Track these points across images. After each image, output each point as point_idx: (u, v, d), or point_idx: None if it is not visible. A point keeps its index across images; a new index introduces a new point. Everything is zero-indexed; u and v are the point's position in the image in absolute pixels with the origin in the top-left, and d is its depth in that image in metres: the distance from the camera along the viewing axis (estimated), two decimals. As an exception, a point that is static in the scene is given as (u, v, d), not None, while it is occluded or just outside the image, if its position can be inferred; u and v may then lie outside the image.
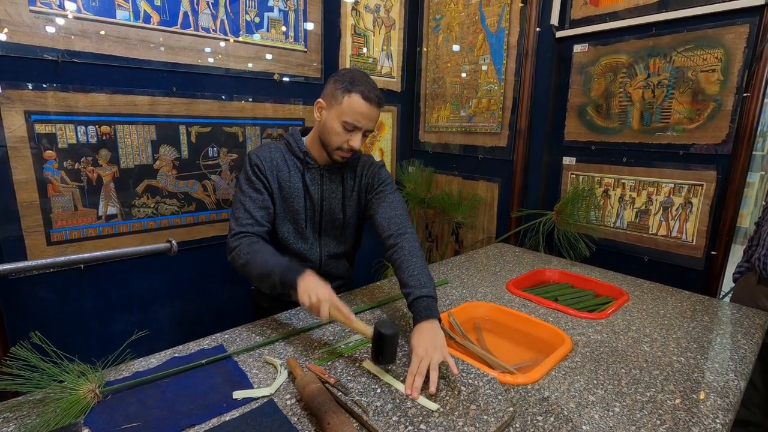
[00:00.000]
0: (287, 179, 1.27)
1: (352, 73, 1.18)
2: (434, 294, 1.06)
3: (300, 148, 1.27)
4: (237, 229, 1.19)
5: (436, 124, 2.53)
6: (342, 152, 1.21)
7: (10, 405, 0.84)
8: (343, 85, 1.16)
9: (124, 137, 1.62)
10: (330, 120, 1.19)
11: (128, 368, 0.97)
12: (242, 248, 1.15)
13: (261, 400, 0.86)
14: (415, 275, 1.08)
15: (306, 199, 1.29)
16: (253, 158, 1.24)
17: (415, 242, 1.19)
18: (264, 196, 1.24)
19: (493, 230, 2.29)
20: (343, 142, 1.19)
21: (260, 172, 1.23)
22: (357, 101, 1.15)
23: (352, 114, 1.15)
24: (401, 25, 2.48)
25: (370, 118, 1.19)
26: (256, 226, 1.21)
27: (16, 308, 1.49)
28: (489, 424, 0.78)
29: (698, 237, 1.63)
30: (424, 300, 1.03)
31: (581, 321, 1.25)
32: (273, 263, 1.09)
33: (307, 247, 1.33)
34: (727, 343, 1.14)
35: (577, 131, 1.93)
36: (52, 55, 1.44)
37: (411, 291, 1.05)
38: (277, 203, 1.27)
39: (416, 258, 1.13)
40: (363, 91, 1.15)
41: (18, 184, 1.43)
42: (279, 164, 1.26)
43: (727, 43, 1.49)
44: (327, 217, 1.33)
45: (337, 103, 1.17)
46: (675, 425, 0.81)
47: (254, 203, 1.22)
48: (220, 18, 1.78)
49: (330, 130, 1.19)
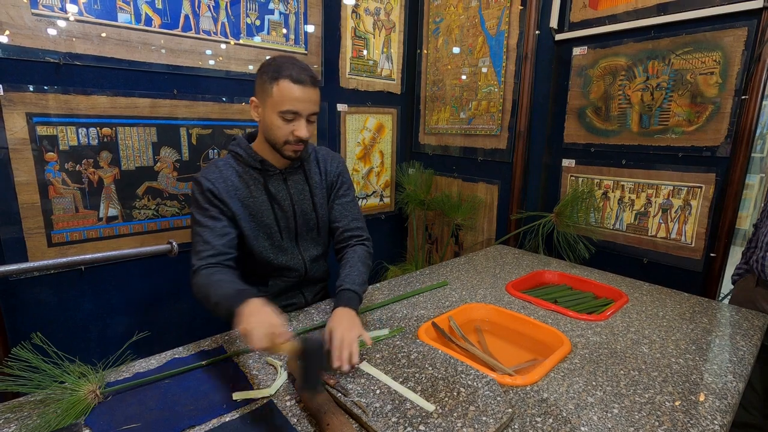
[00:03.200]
0: (248, 196, 1.18)
1: (277, 61, 1.11)
2: (361, 294, 1.13)
3: (254, 157, 1.17)
4: (197, 264, 1.08)
5: (436, 126, 2.53)
6: (291, 146, 1.13)
7: (11, 406, 0.84)
8: (269, 75, 1.09)
9: (125, 139, 1.63)
10: (267, 115, 1.11)
11: (129, 369, 0.98)
12: (202, 283, 1.04)
13: (261, 402, 0.86)
14: (354, 275, 1.15)
15: (275, 210, 1.21)
16: (204, 183, 1.12)
17: (367, 252, 1.27)
18: (222, 222, 1.13)
19: (492, 232, 2.29)
20: (288, 135, 1.11)
21: (214, 197, 1.13)
22: (287, 87, 1.07)
23: (286, 101, 1.08)
24: (401, 27, 2.49)
25: (308, 101, 1.10)
26: (219, 256, 1.10)
27: (17, 309, 1.49)
28: (488, 426, 0.78)
29: (697, 239, 1.64)
30: (350, 293, 1.10)
31: (580, 323, 1.25)
32: (219, 294, 0.98)
33: (288, 258, 1.27)
34: (725, 345, 1.15)
35: (577, 133, 1.94)
36: (54, 58, 1.45)
37: (342, 283, 1.13)
38: (245, 224, 1.18)
39: (363, 265, 1.20)
40: (291, 75, 1.07)
41: (19, 186, 1.44)
42: (235, 183, 1.16)
43: (725, 45, 1.50)
44: (301, 221, 1.26)
45: (268, 95, 1.09)
46: (673, 426, 0.81)
47: (212, 232, 1.11)
48: (221, 21, 1.78)
49: (271, 126, 1.12)
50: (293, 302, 1.33)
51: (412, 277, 1.60)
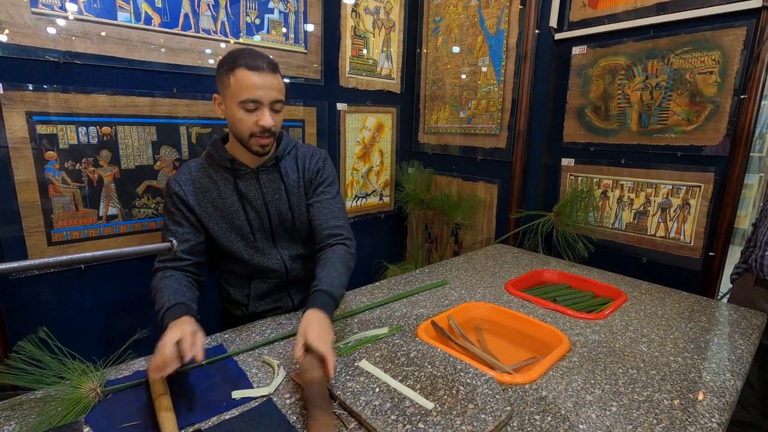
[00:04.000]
0: (218, 197, 1.16)
1: (233, 53, 1.07)
2: (338, 298, 1.03)
3: (224, 156, 1.15)
4: (155, 265, 1.12)
5: (436, 126, 2.53)
6: (257, 138, 1.09)
7: (12, 403, 0.84)
8: (226, 68, 1.05)
9: (124, 138, 1.63)
10: (229, 109, 1.08)
11: (129, 367, 0.98)
12: (152, 284, 1.10)
13: (260, 400, 0.87)
14: (331, 276, 1.06)
15: (247, 210, 1.18)
16: (172, 187, 1.13)
17: (348, 253, 1.16)
18: (184, 228, 1.14)
19: (492, 231, 2.30)
20: (252, 126, 1.07)
21: (180, 201, 1.13)
22: (243, 75, 1.03)
23: (244, 90, 1.03)
24: (401, 26, 2.49)
25: (268, 87, 1.05)
26: (176, 261, 1.12)
27: (17, 308, 1.49)
28: (486, 423, 0.78)
29: (696, 238, 1.64)
30: (324, 294, 1.00)
31: (579, 321, 1.25)
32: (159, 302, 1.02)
33: (265, 259, 1.23)
34: (724, 344, 1.15)
35: (576, 133, 1.94)
36: (54, 57, 1.45)
37: (318, 283, 1.03)
38: (215, 226, 1.17)
39: (343, 266, 1.10)
40: (246, 63, 1.03)
41: (19, 185, 1.44)
42: (204, 184, 1.15)
43: (724, 45, 1.50)
44: (276, 221, 1.22)
45: (226, 87, 1.06)
46: (671, 424, 0.82)
47: (173, 236, 1.11)
48: (221, 20, 1.79)
49: (234, 120, 1.08)
50: (279, 305, 1.29)
51: (412, 276, 1.60)
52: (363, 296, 1.41)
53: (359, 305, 1.33)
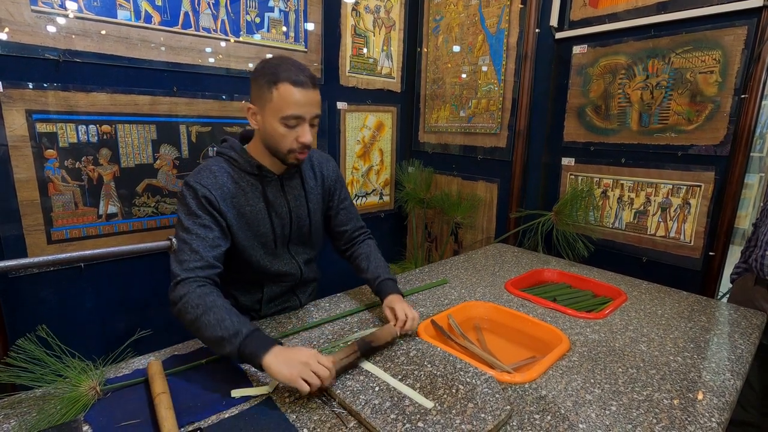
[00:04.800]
0: (246, 203, 1.10)
1: (272, 62, 1.03)
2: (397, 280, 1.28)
3: (250, 163, 1.10)
4: (183, 275, 0.97)
5: (436, 125, 2.53)
6: (296, 153, 1.06)
7: (11, 401, 0.84)
8: (267, 79, 1.01)
9: (124, 136, 1.63)
10: (268, 123, 1.03)
11: (128, 366, 0.98)
12: (191, 299, 0.93)
13: (259, 399, 0.87)
14: (383, 266, 1.28)
15: (272, 218, 1.15)
16: (199, 189, 1.03)
17: (375, 243, 1.39)
18: (215, 233, 1.04)
19: (492, 230, 2.30)
20: (292, 142, 1.04)
21: (209, 204, 1.04)
22: (288, 90, 0.99)
23: (288, 106, 1.00)
24: (401, 25, 2.49)
25: (310, 103, 1.03)
26: (207, 269, 1.00)
27: (16, 306, 1.49)
28: (486, 422, 0.78)
29: (696, 238, 1.64)
30: (391, 282, 1.23)
31: (579, 321, 1.25)
32: (230, 327, 0.89)
33: (283, 264, 1.22)
34: (724, 343, 1.15)
35: (576, 132, 1.94)
36: (54, 55, 1.45)
37: (379, 274, 1.24)
38: (240, 233, 1.11)
39: (379, 254, 1.33)
40: (290, 77, 0.99)
41: (19, 183, 1.44)
42: (232, 190, 1.08)
43: (725, 44, 1.50)
44: (296, 227, 1.21)
45: (267, 101, 1.02)
46: (671, 424, 0.82)
47: (203, 242, 1.01)
48: (221, 18, 1.78)
49: (273, 134, 1.04)
50: (288, 305, 1.30)
51: (412, 275, 1.60)
52: (363, 295, 1.41)
53: (359, 304, 1.33)
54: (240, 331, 0.89)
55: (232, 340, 0.88)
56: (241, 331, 0.89)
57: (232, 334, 0.88)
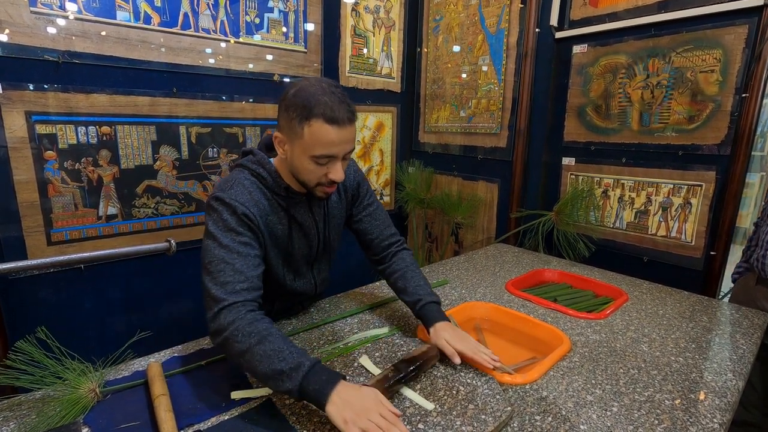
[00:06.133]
0: (277, 222, 1.03)
1: (305, 92, 0.89)
2: (440, 302, 1.13)
3: (279, 184, 1.02)
4: (228, 299, 0.86)
5: (436, 125, 2.53)
6: (324, 188, 0.99)
7: (10, 403, 0.84)
8: (299, 113, 0.89)
9: (124, 138, 1.63)
10: (297, 158, 0.94)
11: (128, 368, 0.98)
12: (241, 326, 0.82)
13: (259, 400, 0.86)
14: (424, 286, 1.14)
15: (299, 238, 1.09)
16: (238, 207, 0.93)
17: (412, 256, 1.23)
18: (255, 250, 0.95)
19: (492, 230, 2.29)
20: (320, 178, 0.96)
21: (251, 222, 0.95)
22: (321, 129, 0.88)
23: (321, 145, 0.90)
24: (401, 25, 2.48)
25: (345, 141, 0.92)
26: (254, 292, 0.90)
27: (16, 308, 1.49)
28: (487, 424, 0.78)
29: (697, 237, 1.64)
30: (436, 306, 1.09)
31: (580, 321, 1.25)
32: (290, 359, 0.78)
33: (302, 283, 1.17)
34: (725, 344, 1.15)
35: (577, 132, 1.94)
36: (53, 56, 1.45)
37: (422, 297, 1.10)
38: (271, 252, 1.05)
39: (418, 270, 1.19)
40: (325, 113, 0.88)
41: (18, 185, 1.44)
42: (264, 207, 1.00)
43: (726, 43, 1.50)
44: (321, 247, 1.16)
45: (297, 137, 0.91)
46: (673, 425, 0.81)
47: (246, 260, 0.91)
48: (220, 19, 1.78)
49: (301, 170, 0.95)
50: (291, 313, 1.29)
51: (412, 276, 1.59)
52: (363, 296, 1.40)
53: (359, 305, 1.32)
54: (302, 364, 0.78)
55: (292, 375, 0.77)
56: (303, 364, 0.78)
57: (293, 368, 0.77)
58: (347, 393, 0.76)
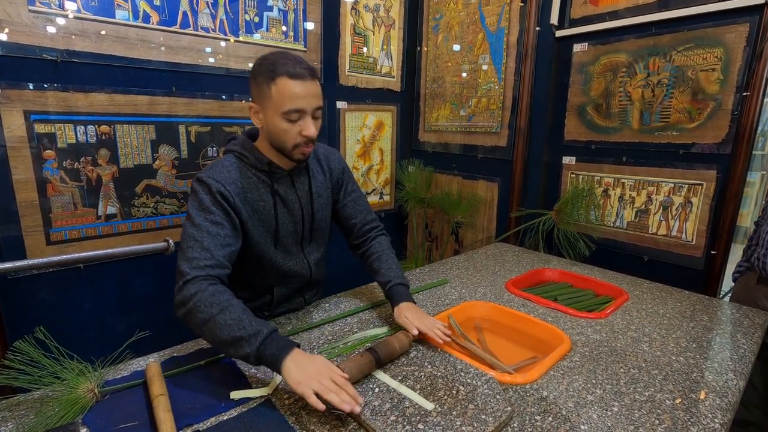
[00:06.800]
0: (258, 199, 1.08)
1: (269, 59, 1.01)
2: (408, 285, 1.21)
3: (261, 160, 1.08)
4: (192, 273, 0.91)
5: (436, 124, 2.52)
6: (301, 147, 1.04)
7: (9, 404, 0.84)
8: (264, 76, 0.99)
9: (123, 137, 1.62)
10: (271, 120, 1.02)
11: (127, 368, 0.97)
12: (204, 297, 0.88)
13: (258, 400, 0.86)
14: (395, 269, 1.23)
15: (283, 214, 1.13)
16: (213, 185, 0.99)
17: (389, 242, 1.32)
18: (226, 230, 1.00)
19: (492, 230, 2.29)
20: (296, 137, 1.02)
21: (224, 200, 1.00)
22: (286, 84, 0.98)
23: (288, 100, 0.98)
24: (401, 24, 2.48)
25: (311, 95, 1.01)
26: (218, 269, 0.95)
27: (16, 307, 1.49)
28: (487, 424, 0.78)
29: (698, 236, 1.63)
30: (403, 287, 1.18)
31: (580, 321, 1.25)
32: (249, 327, 0.85)
33: (295, 263, 1.20)
34: (726, 343, 1.14)
35: (577, 131, 1.93)
36: (52, 55, 1.44)
37: (391, 279, 1.19)
38: (254, 230, 1.08)
39: (392, 255, 1.27)
40: (287, 71, 0.97)
41: (17, 184, 1.44)
42: (244, 185, 1.06)
43: (727, 42, 1.49)
44: (307, 225, 1.20)
45: (267, 98, 1.00)
46: (674, 425, 0.81)
47: (214, 239, 0.97)
48: (220, 18, 1.78)
49: (276, 131, 1.02)
50: (294, 307, 1.29)
51: (412, 275, 1.59)
52: (363, 295, 1.40)
53: (359, 304, 1.32)
54: (260, 331, 0.84)
55: (251, 341, 0.83)
56: (261, 331, 0.85)
57: (252, 334, 0.84)
58: (300, 359, 0.83)
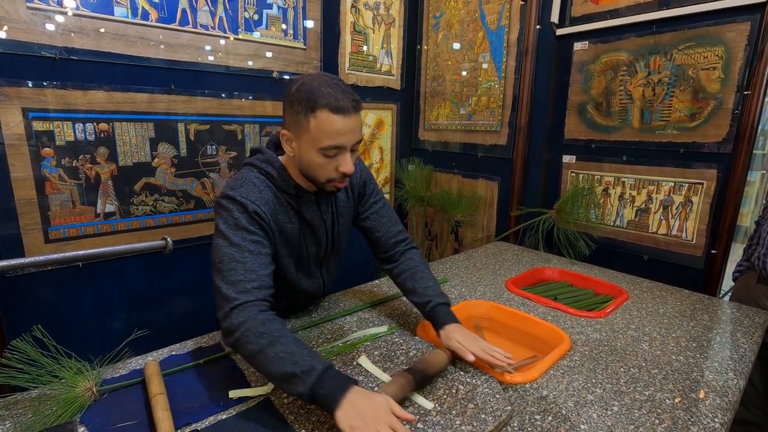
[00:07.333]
0: (287, 221, 1.03)
1: (308, 86, 0.90)
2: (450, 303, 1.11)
3: (288, 183, 1.01)
4: (240, 298, 0.85)
5: (436, 122, 2.52)
6: (335, 183, 0.97)
7: (6, 402, 0.84)
8: (303, 106, 0.89)
9: (122, 135, 1.62)
10: (305, 153, 0.93)
11: (125, 366, 0.97)
12: (253, 326, 0.82)
13: (257, 399, 0.86)
14: (434, 287, 1.12)
15: (308, 237, 1.09)
16: (249, 205, 0.93)
17: (421, 256, 1.21)
18: (267, 249, 0.95)
19: (492, 229, 2.28)
20: (331, 172, 0.95)
21: (261, 219, 0.94)
22: (327, 119, 0.88)
23: (328, 136, 0.90)
24: (401, 22, 2.47)
25: (352, 130, 0.92)
26: (265, 290, 0.89)
27: (14, 306, 1.48)
28: (486, 423, 0.77)
29: (698, 236, 1.63)
30: (446, 307, 1.08)
31: (580, 320, 1.24)
32: (302, 363, 0.77)
33: (311, 283, 1.17)
34: (726, 342, 1.14)
35: (577, 129, 1.93)
36: (50, 52, 1.43)
37: (431, 298, 1.08)
38: (281, 251, 1.05)
39: (427, 270, 1.17)
40: (330, 103, 0.88)
41: (16, 182, 1.43)
42: (274, 206, 1.00)
43: (727, 40, 1.48)
44: (330, 246, 1.16)
45: (304, 130, 0.91)
46: (674, 424, 0.81)
47: (257, 259, 0.91)
48: (219, 15, 1.77)
49: (310, 165, 0.94)
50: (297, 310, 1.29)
51: (412, 274, 1.59)
52: (362, 294, 1.40)
53: (358, 303, 1.32)
54: (314, 368, 0.77)
55: (305, 378, 0.76)
56: (315, 368, 0.77)
57: (306, 371, 0.76)
58: (358, 400, 0.74)
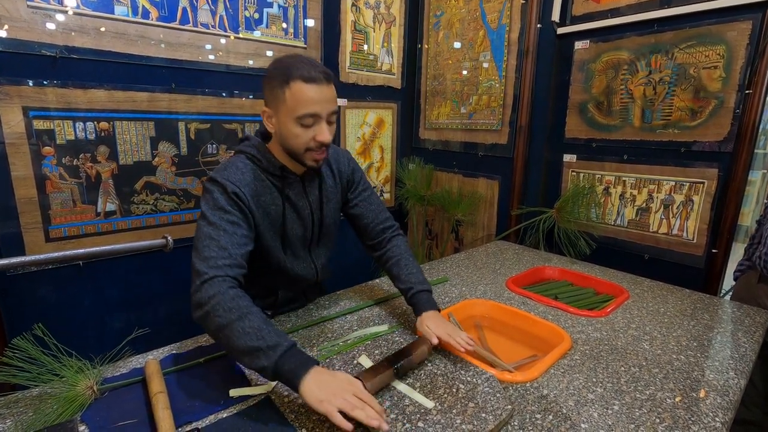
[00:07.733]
0: (270, 203, 1.06)
1: (283, 62, 0.98)
2: (431, 290, 1.16)
3: (273, 164, 1.06)
4: (210, 272, 0.88)
5: (437, 121, 2.52)
6: (314, 153, 1.01)
7: (7, 401, 0.84)
8: (279, 80, 0.96)
9: (122, 133, 1.62)
10: (284, 124, 0.99)
11: (126, 365, 0.97)
12: (223, 301, 0.84)
13: (258, 398, 0.86)
14: (416, 274, 1.17)
15: (293, 219, 1.12)
16: (228, 186, 0.98)
17: (406, 243, 1.26)
18: (243, 230, 0.98)
19: (493, 228, 2.28)
20: (309, 142, 0.99)
21: (240, 200, 0.99)
22: (300, 88, 0.94)
23: (303, 104, 0.95)
24: (401, 21, 2.47)
25: (326, 99, 0.97)
26: (236, 269, 0.93)
27: (15, 305, 1.49)
28: (487, 422, 0.77)
29: (699, 235, 1.63)
30: (427, 294, 1.13)
31: (581, 319, 1.24)
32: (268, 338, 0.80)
33: (302, 267, 1.19)
34: (727, 342, 1.14)
35: (578, 128, 1.92)
36: (51, 51, 1.43)
37: (413, 285, 1.14)
38: (265, 233, 1.07)
39: (412, 258, 1.22)
40: (302, 74, 0.94)
41: (16, 181, 1.43)
42: (258, 188, 1.04)
43: (729, 39, 1.48)
44: (317, 229, 1.18)
45: (281, 102, 0.97)
46: (674, 423, 0.81)
47: (231, 238, 0.94)
48: (219, 14, 1.77)
49: (289, 136, 0.99)
50: (296, 306, 1.29)
51: (412, 273, 1.59)
52: (363, 293, 1.40)
53: (359, 302, 1.32)
54: (280, 344, 0.80)
55: (269, 353, 0.79)
56: (280, 344, 0.80)
57: (271, 346, 0.79)
58: (321, 376, 0.78)
